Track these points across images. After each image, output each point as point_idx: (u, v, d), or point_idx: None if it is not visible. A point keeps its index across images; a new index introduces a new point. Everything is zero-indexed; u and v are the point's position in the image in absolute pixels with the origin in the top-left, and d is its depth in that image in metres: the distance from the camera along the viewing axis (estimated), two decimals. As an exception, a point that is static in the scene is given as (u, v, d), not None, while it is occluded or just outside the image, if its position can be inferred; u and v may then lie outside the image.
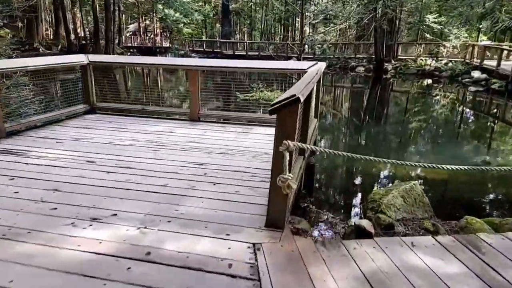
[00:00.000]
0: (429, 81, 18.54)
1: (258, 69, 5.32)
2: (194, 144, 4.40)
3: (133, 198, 2.90)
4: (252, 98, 11.08)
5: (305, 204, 4.06)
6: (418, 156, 6.92)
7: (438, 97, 14.73)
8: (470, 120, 10.88)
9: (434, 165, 2.43)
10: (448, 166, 2.42)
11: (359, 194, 4.70)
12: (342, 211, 4.09)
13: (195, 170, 3.56)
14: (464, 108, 12.85)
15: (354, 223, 3.15)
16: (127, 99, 6.72)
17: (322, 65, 4.90)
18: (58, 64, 5.42)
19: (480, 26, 21.75)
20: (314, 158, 5.56)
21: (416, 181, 3.92)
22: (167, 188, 3.11)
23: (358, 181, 5.42)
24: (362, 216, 3.84)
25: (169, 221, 2.56)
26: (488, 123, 10.49)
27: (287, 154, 2.28)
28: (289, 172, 2.35)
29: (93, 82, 5.90)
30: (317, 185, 5.10)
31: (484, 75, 15.70)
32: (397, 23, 22.38)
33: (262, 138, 4.72)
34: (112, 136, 4.65)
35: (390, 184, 4.66)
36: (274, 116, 2.26)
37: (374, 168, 5.82)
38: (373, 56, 22.14)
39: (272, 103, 2.26)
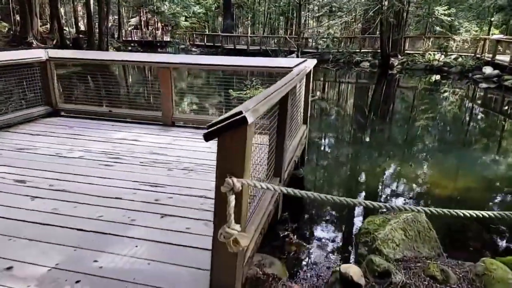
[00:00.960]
0: (438, 77, 17.63)
1: (238, 67, 4.60)
2: (156, 157, 3.70)
3: (46, 240, 2.21)
4: (246, 96, 10.36)
5: (285, 233, 3.35)
6: (424, 159, 6.18)
7: (446, 94, 13.89)
8: (480, 119, 10.06)
9: (440, 210, 1.73)
10: (462, 212, 1.72)
11: (355, 220, 3.96)
12: (332, 243, 3.37)
13: (145, 194, 2.86)
14: (475, 106, 11.99)
15: (340, 270, 2.44)
16: (103, 100, 6.06)
17: (311, 63, 4.16)
18: (12, 60, 4.74)
19: (492, 19, 20.69)
20: (303, 170, 4.85)
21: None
22: (97, 223, 2.42)
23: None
24: (354, 251, 3.12)
25: (77, 282, 1.87)
26: (500, 122, 9.66)
27: (232, 198, 1.57)
28: (238, 221, 1.64)
29: (55, 81, 5.22)
30: (303, 205, 4.37)
31: (496, 71, 14.78)
32: (405, 16, 21.40)
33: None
34: (63, 146, 3.97)
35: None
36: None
37: (375, 184, 5.10)
38: (379, 51, 21.22)
39: (209, 124, 1.54)
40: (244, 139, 1.56)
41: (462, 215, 1.74)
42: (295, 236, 3.30)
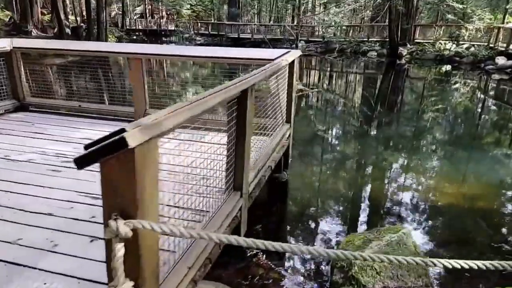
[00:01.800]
0: (448, 67, 16.85)
1: (214, 58, 4.13)
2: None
3: None
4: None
5: (253, 251, 2.93)
6: (432, 157, 5.68)
7: (457, 86, 13.20)
8: (493, 113, 9.42)
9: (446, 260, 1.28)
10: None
11: (336, 237, 3.51)
12: (306, 265, 2.93)
13: (83, 209, 2.46)
14: (487, 98, 11.31)
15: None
16: (81, 94, 5.67)
17: (292, 55, 3.67)
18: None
19: (508, 6, 19.64)
20: (287, 174, 4.39)
21: (408, 229, 2.72)
22: (13, 250, 2.02)
23: (339, 210, 4.23)
24: (330, 277, 2.68)
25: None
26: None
27: (120, 246, 1.14)
28: (135, 278, 1.21)
29: (22, 72, 4.83)
30: (285, 215, 3.93)
31: (510, 62, 14.00)
32: (415, 3, 20.48)
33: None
34: (15, 146, 3.59)
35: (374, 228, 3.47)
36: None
37: (376, 190, 4.64)
38: (387, 40, 20.42)
39: (88, 143, 1.11)
40: (132, 167, 1.13)
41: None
42: (264, 256, 2.88)
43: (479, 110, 9.66)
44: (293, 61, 3.87)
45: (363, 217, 3.86)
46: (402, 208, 4.03)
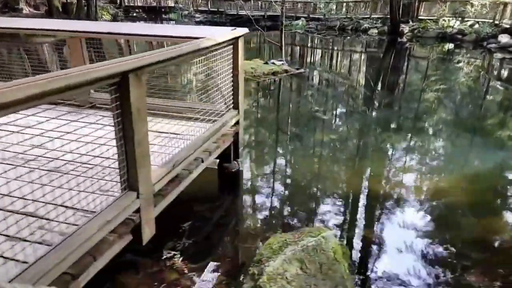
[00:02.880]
0: (451, 46, 16.13)
1: (145, 36, 3.74)
2: (38, 152, 3.03)
3: None
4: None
5: (170, 254, 2.71)
6: (427, 136, 5.35)
7: (458, 65, 12.58)
8: (492, 94, 8.92)
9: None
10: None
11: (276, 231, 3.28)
12: (225, 266, 2.70)
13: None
14: (488, 78, 10.72)
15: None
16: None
17: (232, 33, 3.34)
18: None
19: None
20: (238, 163, 4.14)
21: (331, 232, 2.45)
22: None
23: (294, 203, 3.97)
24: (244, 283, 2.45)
25: None
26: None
27: None
28: None
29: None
30: (231, 207, 3.67)
31: (514, 40, 13.30)
32: (419, -23, 19.53)
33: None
34: None
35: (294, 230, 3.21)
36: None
37: (329, 185, 4.37)
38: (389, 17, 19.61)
39: None
40: None
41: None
42: (181, 259, 2.66)
43: (479, 93, 9.17)
44: (236, 42, 3.55)
45: (317, 212, 3.59)
46: (361, 204, 3.77)
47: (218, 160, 4.07)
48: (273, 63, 9.85)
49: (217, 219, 3.35)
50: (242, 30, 3.58)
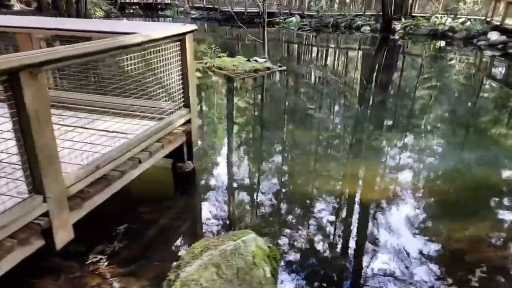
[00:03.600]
0: (442, 43, 15.95)
1: (76, 32, 3.62)
2: None
3: None
4: (205, 66, 9.42)
5: (96, 257, 2.63)
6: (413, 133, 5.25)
7: (447, 64, 12.40)
8: (479, 93, 8.81)
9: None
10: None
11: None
12: (153, 268, 2.63)
13: None
14: (475, 78, 10.57)
15: None
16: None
17: (168, 30, 3.24)
18: None
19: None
20: (193, 163, 4.06)
21: (252, 235, 2.37)
22: None
23: (250, 205, 3.89)
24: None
25: None
26: (502, 96, 8.43)
27: None
28: None
29: None
30: (181, 208, 3.58)
31: (503, 37, 13.15)
32: (412, -27, 19.33)
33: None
34: None
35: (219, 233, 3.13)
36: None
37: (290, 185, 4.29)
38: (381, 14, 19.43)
39: None
40: None
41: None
42: (107, 263, 2.58)
43: (467, 92, 9.06)
44: (183, 39, 3.45)
45: (264, 214, 3.52)
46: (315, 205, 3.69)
47: (172, 160, 4.01)
48: (255, 60, 9.74)
49: (160, 221, 3.27)
50: (190, 27, 3.49)
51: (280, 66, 9.68)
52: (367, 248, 2.96)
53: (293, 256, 2.83)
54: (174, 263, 2.35)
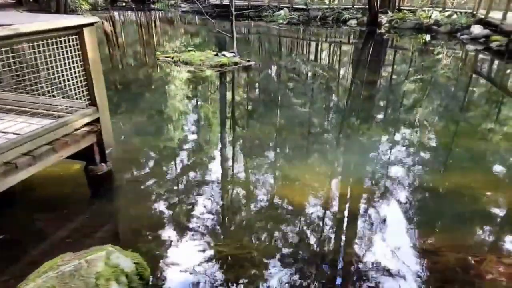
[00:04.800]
0: (428, 37, 15.62)
1: None
2: None
3: None
4: (171, 60, 9.16)
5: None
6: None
7: (429, 59, 12.09)
8: (462, 92, 8.55)
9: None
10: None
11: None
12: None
13: None
14: (458, 74, 10.27)
15: None
16: None
17: (71, 22, 3.00)
18: None
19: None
20: (107, 165, 3.84)
21: (104, 252, 2.14)
22: None
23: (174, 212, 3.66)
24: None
25: None
26: (481, 93, 8.17)
27: None
28: None
29: None
30: (90, 212, 3.35)
31: (486, 31, 12.82)
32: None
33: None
34: None
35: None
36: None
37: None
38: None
39: None
40: None
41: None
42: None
43: (448, 87, 8.79)
44: (81, 32, 3.21)
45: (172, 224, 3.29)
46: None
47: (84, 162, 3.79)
48: (223, 55, 9.47)
49: (53, 229, 3.06)
50: (88, 19, 3.25)
51: (248, 61, 9.42)
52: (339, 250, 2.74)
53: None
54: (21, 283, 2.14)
